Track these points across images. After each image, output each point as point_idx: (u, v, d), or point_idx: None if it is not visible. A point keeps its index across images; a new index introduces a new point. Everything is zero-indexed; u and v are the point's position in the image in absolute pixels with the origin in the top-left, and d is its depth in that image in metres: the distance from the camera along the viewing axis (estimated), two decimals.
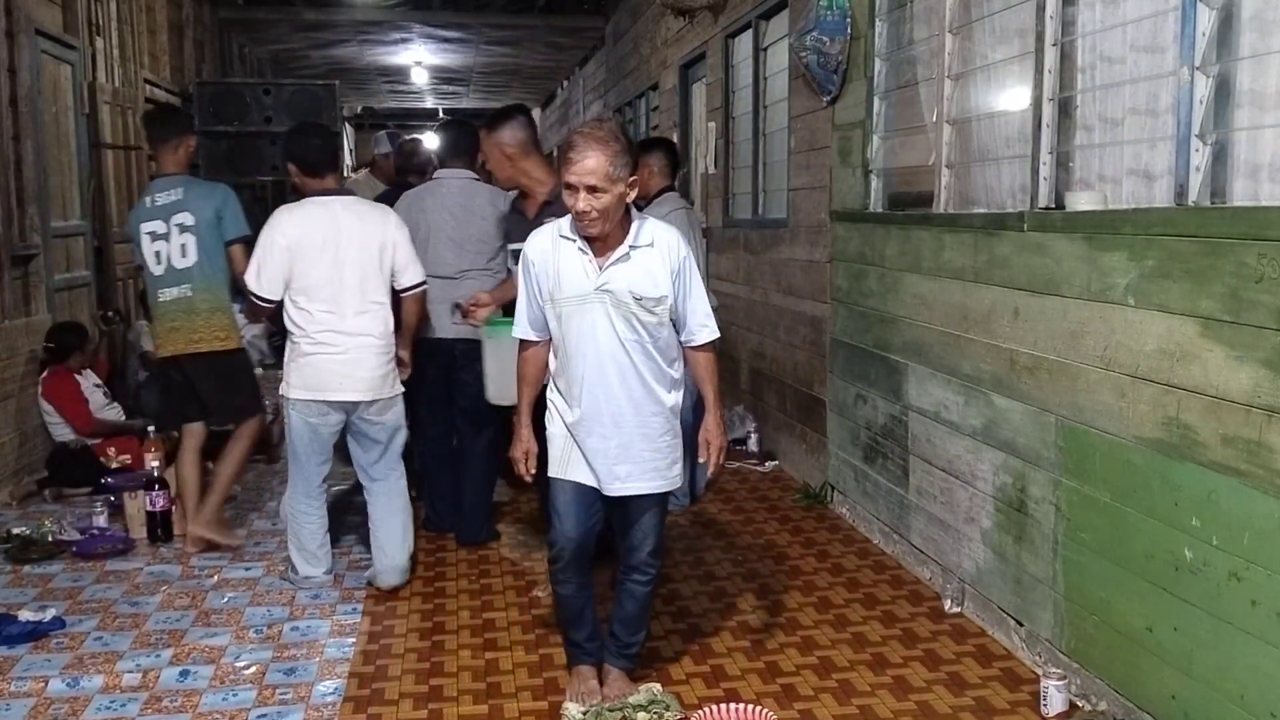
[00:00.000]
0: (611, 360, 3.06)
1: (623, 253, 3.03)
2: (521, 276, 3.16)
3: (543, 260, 3.09)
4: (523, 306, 3.18)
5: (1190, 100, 2.78)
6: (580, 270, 3.04)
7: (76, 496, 5.51)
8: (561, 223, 3.09)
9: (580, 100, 15.44)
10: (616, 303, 3.03)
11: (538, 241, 3.12)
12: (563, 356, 3.12)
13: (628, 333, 3.05)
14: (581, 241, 3.03)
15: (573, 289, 3.05)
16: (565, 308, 3.06)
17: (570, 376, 3.11)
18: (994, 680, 3.42)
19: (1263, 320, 2.45)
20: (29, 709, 3.24)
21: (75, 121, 6.90)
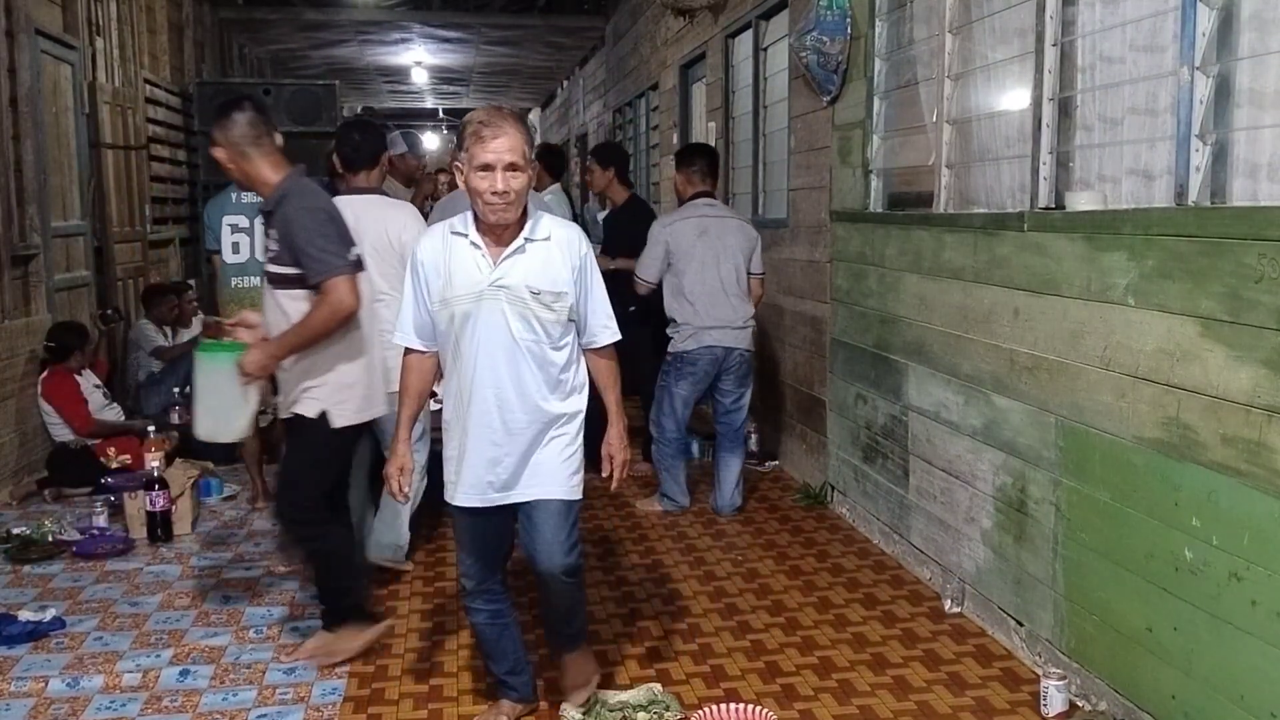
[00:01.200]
0: (506, 362, 2.86)
1: (518, 245, 2.85)
2: (409, 279, 2.94)
3: (433, 259, 2.89)
4: (408, 312, 2.95)
5: (1190, 100, 2.78)
6: (473, 265, 2.85)
7: (76, 496, 5.51)
8: (453, 220, 2.93)
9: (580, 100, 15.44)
10: (512, 299, 2.83)
11: (428, 242, 2.94)
12: (453, 362, 2.92)
13: (524, 332, 2.85)
14: (475, 235, 2.86)
15: (465, 286, 2.84)
16: (458, 307, 2.85)
17: (461, 381, 2.90)
18: (994, 680, 3.42)
19: (1263, 320, 2.45)
20: (29, 709, 3.24)
21: (75, 121, 6.90)
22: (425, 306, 2.92)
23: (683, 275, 5.03)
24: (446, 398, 2.97)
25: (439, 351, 2.96)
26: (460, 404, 2.91)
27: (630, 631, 3.85)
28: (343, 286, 3.27)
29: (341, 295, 3.27)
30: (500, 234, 2.84)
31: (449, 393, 2.95)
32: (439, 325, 2.90)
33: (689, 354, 5.05)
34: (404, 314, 2.96)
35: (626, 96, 11.42)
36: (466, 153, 2.77)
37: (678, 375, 5.11)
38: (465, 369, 2.88)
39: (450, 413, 2.96)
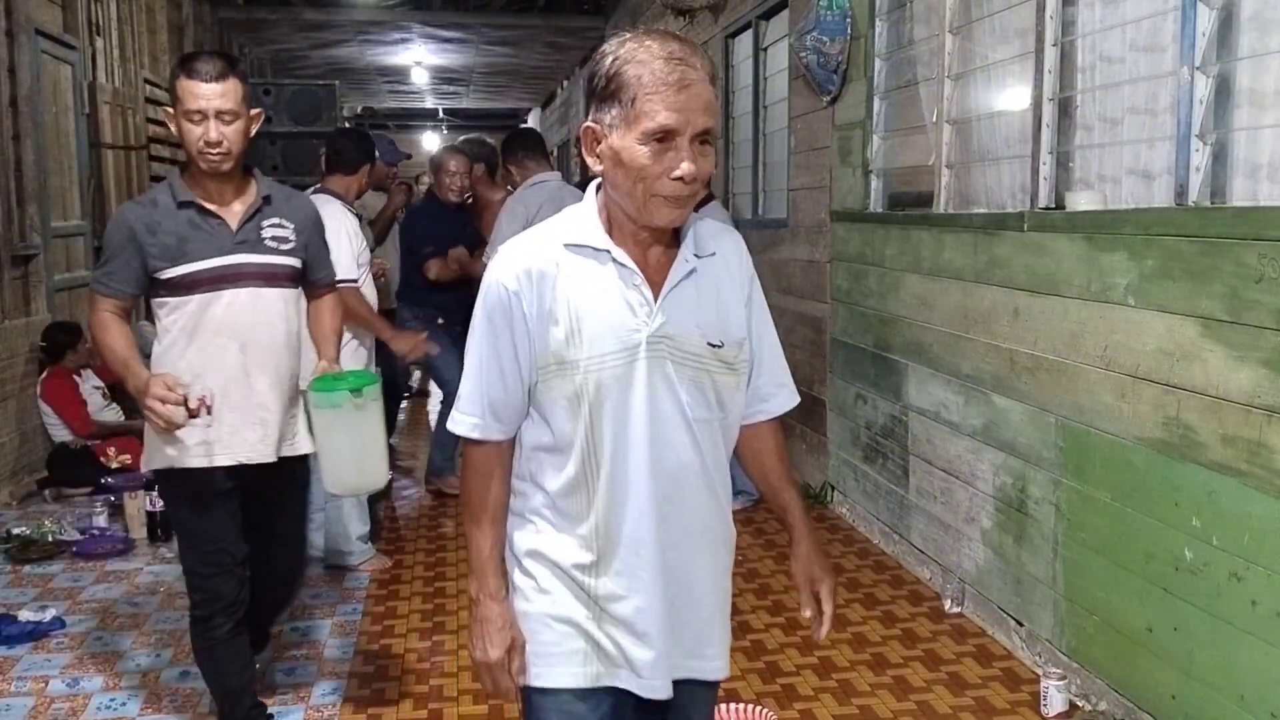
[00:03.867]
0: (674, 462, 1.75)
1: (686, 269, 1.74)
2: (481, 331, 1.76)
3: (539, 293, 1.70)
4: (478, 385, 1.77)
5: (1190, 100, 2.79)
6: (621, 302, 1.70)
7: (76, 496, 5.51)
8: (556, 224, 1.78)
9: (580, 100, 15.44)
10: (683, 357, 1.73)
11: (521, 262, 1.72)
12: (578, 464, 1.74)
13: (701, 409, 1.76)
14: (617, 249, 1.71)
15: (611, 337, 1.70)
16: (595, 373, 1.70)
17: (594, 498, 1.75)
18: (994, 680, 3.42)
19: (1263, 320, 2.45)
20: (29, 709, 3.24)
21: (75, 121, 6.90)
22: (518, 374, 1.74)
23: None
24: (545, 513, 1.80)
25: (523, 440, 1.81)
26: (590, 527, 1.75)
27: None
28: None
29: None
30: (657, 248, 1.74)
31: (558, 508, 1.78)
32: (542, 403, 1.75)
33: None
34: (469, 388, 1.77)
35: None
36: (622, 105, 1.63)
37: None
38: (605, 474, 1.73)
39: (562, 545, 1.78)
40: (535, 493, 1.80)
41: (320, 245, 3.01)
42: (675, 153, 1.62)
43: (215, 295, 2.76)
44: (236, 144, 2.70)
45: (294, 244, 2.86)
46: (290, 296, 2.89)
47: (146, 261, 2.73)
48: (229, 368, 2.78)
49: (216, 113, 2.66)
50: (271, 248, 2.82)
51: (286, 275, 2.87)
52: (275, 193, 2.88)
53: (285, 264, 2.85)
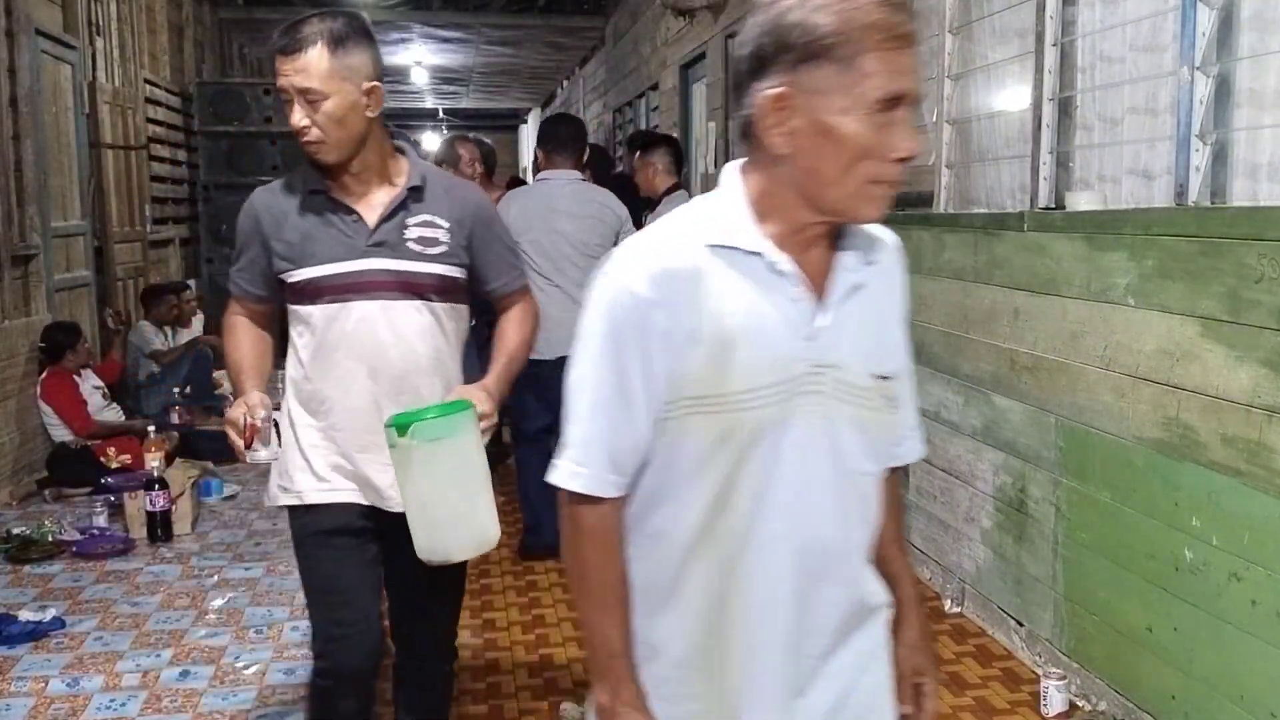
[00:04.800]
0: (824, 530, 1.40)
1: (851, 282, 1.38)
2: (599, 356, 1.36)
3: (677, 304, 1.33)
4: (594, 421, 1.38)
5: (1190, 100, 2.79)
6: (781, 323, 1.34)
7: (76, 496, 5.51)
8: (703, 221, 1.37)
9: (580, 100, 15.44)
10: (845, 393, 1.38)
11: (655, 262, 1.34)
12: (699, 527, 1.38)
13: (859, 459, 1.41)
14: (776, 253, 1.33)
15: (770, 367, 1.33)
16: (747, 414, 1.33)
17: (720, 573, 1.39)
18: (994, 680, 3.42)
19: (1263, 320, 2.45)
20: (29, 709, 3.24)
21: (75, 121, 6.90)
22: (647, 409, 1.36)
23: None
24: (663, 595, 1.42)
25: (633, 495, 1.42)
26: (715, 598, 1.40)
27: None
28: None
29: None
30: (816, 252, 1.37)
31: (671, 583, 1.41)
32: (662, 448, 1.38)
33: None
34: (583, 430, 1.39)
35: (626, 96, 11.42)
36: (839, 64, 1.24)
37: None
38: (737, 544, 1.38)
39: (671, 643, 1.42)
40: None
41: (493, 246, 2.37)
42: (899, 126, 1.26)
43: (342, 307, 2.23)
44: (333, 130, 2.16)
45: (447, 246, 2.27)
46: (439, 311, 2.30)
47: (272, 260, 2.28)
48: (355, 396, 2.25)
49: (299, 92, 2.17)
50: (415, 251, 2.24)
51: (433, 285, 2.27)
52: (431, 181, 2.30)
53: (431, 272, 2.26)
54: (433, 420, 2.05)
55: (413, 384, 2.27)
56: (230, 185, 9.38)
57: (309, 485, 2.29)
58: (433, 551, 2.15)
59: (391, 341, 2.25)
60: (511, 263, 2.42)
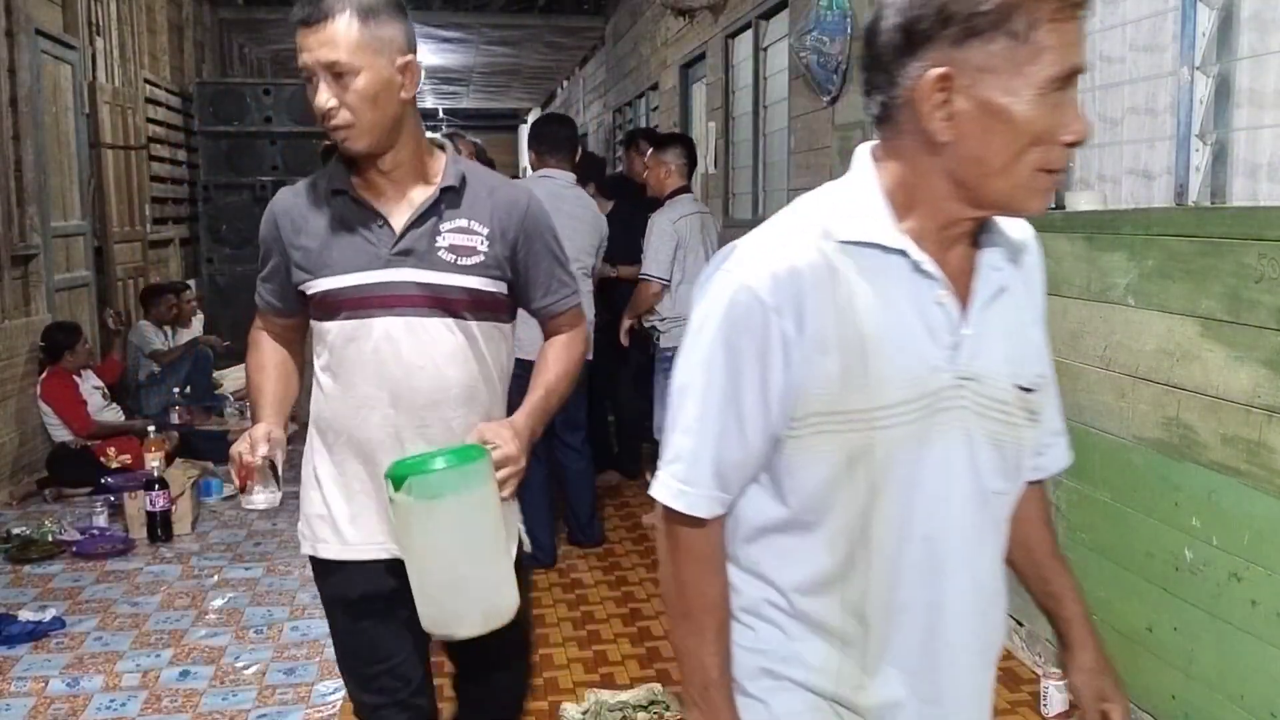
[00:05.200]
0: (965, 554, 1.30)
1: (996, 284, 1.25)
2: (713, 359, 1.23)
3: (804, 309, 1.18)
4: (702, 435, 1.24)
5: (1190, 100, 2.79)
6: (922, 330, 1.21)
7: (76, 496, 5.51)
8: (833, 214, 1.22)
9: (580, 100, 15.44)
10: (986, 407, 1.25)
11: (779, 261, 1.19)
12: (837, 552, 1.25)
13: (998, 478, 1.28)
14: (921, 255, 1.20)
15: (907, 381, 1.20)
16: (885, 432, 1.20)
17: (859, 601, 1.26)
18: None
19: (1263, 320, 2.45)
20: (29, 709, 3.24)
21: (75, 121, 6.91)
22: (763, 425, 1.22)
23: (684, 271, 4.86)
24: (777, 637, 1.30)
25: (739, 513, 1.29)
26: (856, 650, 1.28)
27: (630, 631, 3.85)
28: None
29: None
30: (958, 250, 1.24)
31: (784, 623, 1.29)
32: (789, 466, 1.24)
33: None
34: (690, 444, 1.25)
35: (626, 96, 11.42)
36: (1013, 38, 1.11)
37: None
38: (877, 571, 1.25)
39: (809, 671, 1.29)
40: (758, 586, 1.29)
41: (542, 259, 2.04)
42: (1070, 106, 1.13)
43: (361, 324, 1.95)
44: (365, 111, 1.85)
45: (484, 256, 1.97)
46: (474, 332, 1.99)
47: (291, 269, 2.01)
48: (375, 427, 1.97)
49: (324, 67, 1.84)
50: (446, 262, 1.95)
51: (466, 301, 1.97)
52: (472, 181, 2.00)
53: (464, 285, 1.95)
54: (436, 472, 1.71)
55: (442, 415, 1.97)
56: (230, 185, 9.40)
57: (327, 537, 2.04)
58: (434, 623, 1.86)
59: (418, 364, 1.95)
60: (562, 278, 2.08)
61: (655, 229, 4.90)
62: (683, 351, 1.26)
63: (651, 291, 4.90)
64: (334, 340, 1.99)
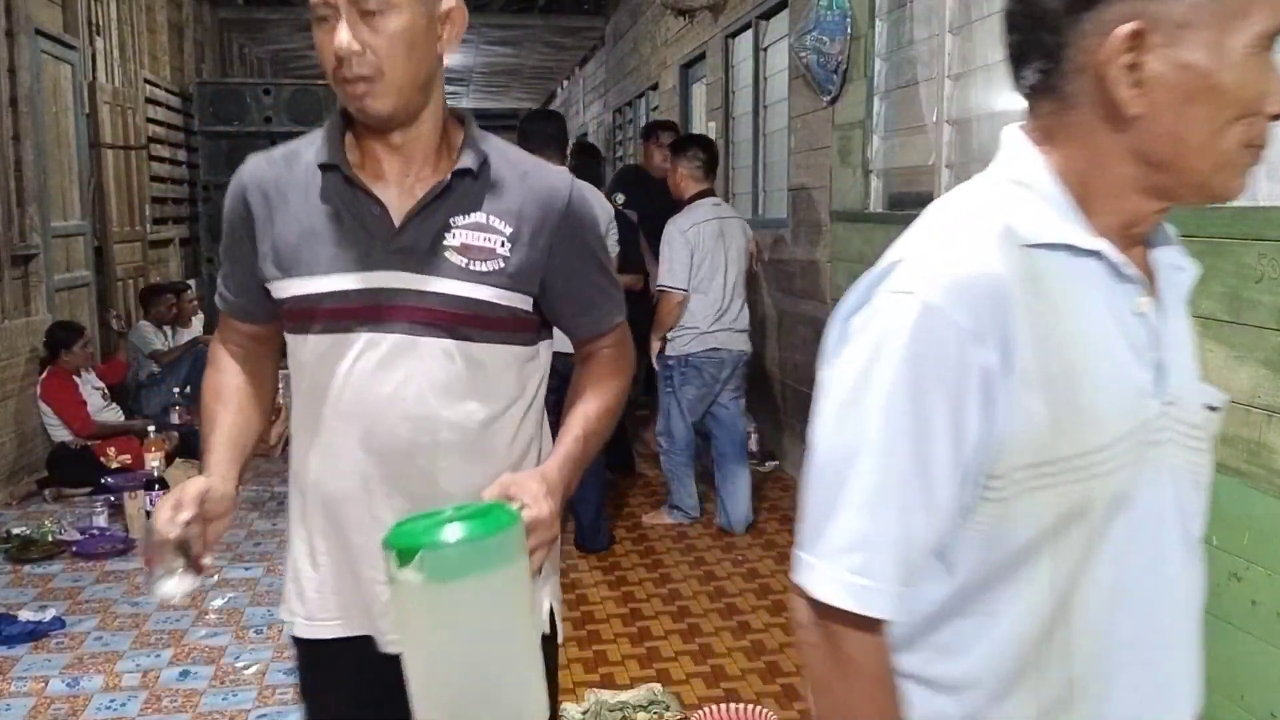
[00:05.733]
0: (1183, 624, 1.06)
1: (1183, 286, 1.10)
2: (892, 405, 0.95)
3: (1010, 333, 0.94)
4: (879, 508, 0.96)
5: None
6: (1124, 349, 1.00)
7: (76, 496, 5.51)
8: (1009, 212, 1.01)
9: (580, 100, 15.45)
10: (1185, 435, 1.04)
11: (970, 275, 0.95)
12: (1032, 638, 1.00)
13: (1198, 520, 1.08)
14: (1118, 255, 1.00)
15: (1121, 413, 0.98)
16: (1104, 480, 0.97)
17: (1064, 701, 1.02)
18: None
19: (1263, 320, 2.45)
20: (29, 709, 3.24)
21: (75, 121, 6.90)
22: (954, 489, 0.97)
23: (697, 279, 4.78)
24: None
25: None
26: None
27: (630, 631, 3.85)
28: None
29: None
30: (1138, 250, 1.07)
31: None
32: (981, 535, 0.99)
33: (693, 357, 4.85)
34: (866, 525, 0.97)
35: (626, 96, 11.43)
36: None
37: (683, 380, 4.89)
38: (1084, 661, 1.01)
39: None
40: (928, 697, 1.04)
41: (584, 266, 1.60)
42: (1275, 72, 0.95)
43: (338, 340, 1.53)
44: (396, 59, 1.42)
45: (505, 261, 1.53)
46: (482, 359, 1.54)
47: (259, 262, 1.59)
48: (342, 475, 1.56)
49: (349, 1, 1.41)
50: (455, 266, 1.51)
51: (474, 318, 1.52)
52: (496, 163, 1.56)
53: (475, 297, 1.51)
54: (457, 544, 1.25)
55: (425, 468, 1.54)
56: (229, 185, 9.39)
57: (294, 607, 1.71)
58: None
59: (398, 396, 1.52)
60: (606, 289, 1.64)
61: (667, 237, 4.82)
62: (835, 407, 0.99)
63: (674, 303, 4.80)
64: (307, 361, 1.57)
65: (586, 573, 4.45)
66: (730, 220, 4.96)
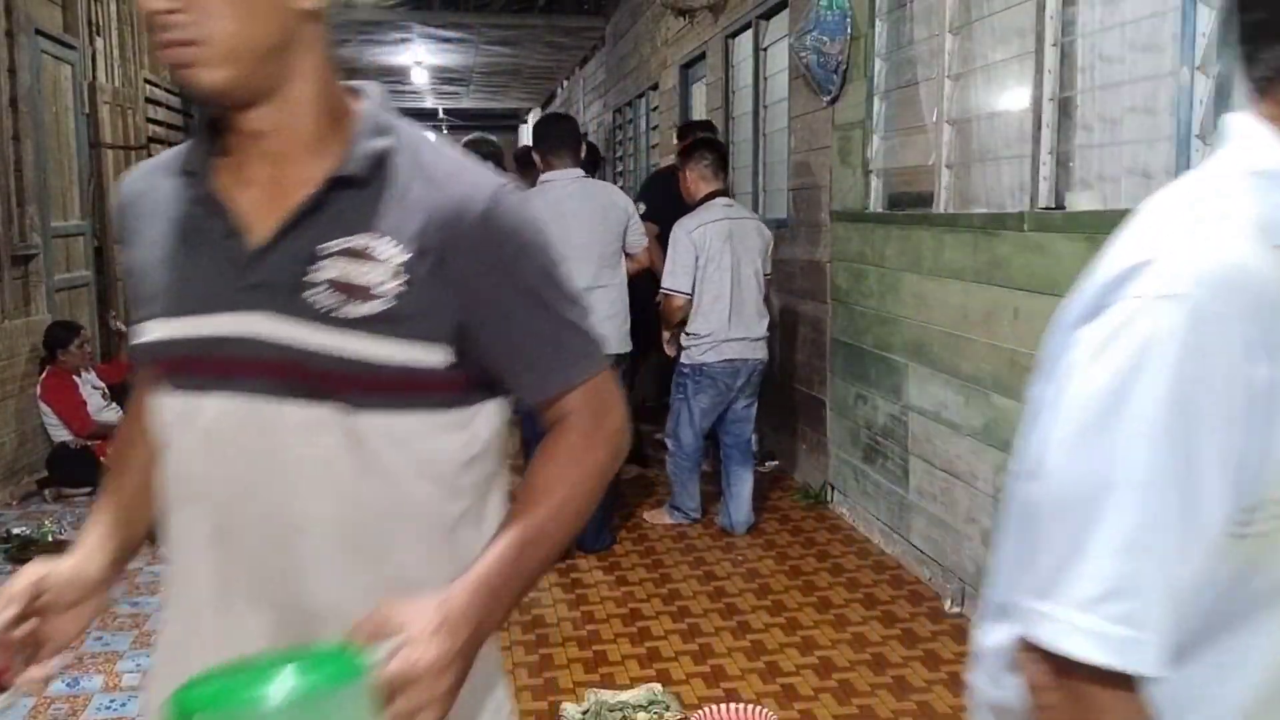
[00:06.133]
0: None
1: None
2: (1152, 430, 0.83)
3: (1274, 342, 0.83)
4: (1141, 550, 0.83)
5: (1190, 100, 2.79)
6: None
7: (76, 496, 5.51)
8: (1247, 204, 0.89)
9: (580, 100, 15.44)
10: None
11: (1230, 271, 0.84)
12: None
13: None
14: None
15: None
16: None
17: None
18: None
19: None
20: (29, 709, 3.24)
21: (75, 121, 6.90)
22: (1215, 529, 0.84)
23: (705, 283, 4.74)
24: None
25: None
26: None
27: (630, 631, 3.85)
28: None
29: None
30: None
31: None
32: (1229, 582, 0.88)
33: (708, 366, 4.80)
34: (1126, 568, 0.83)
35: (626, 96, 11.43)
36: None
37: (696, 388, 4.85)
38: None
39: None
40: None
41: (515, 303, 1.18)
42: None
43: (191, 403, 1.18)
44: (222, 20, 1.07)
45: (394, 301, 1.13)
46: (368, 433, 1.15)
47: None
48: (194, 581, 1.21)
49: None
50: (324, 308, 1.13)
51: (357, 380, 1.13)
52: (399, 163, 1.17)
53: (345, 353, 1.12)
54: (252, 707, 0.91)
55: (290, 571, 1.16)
56: None
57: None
58: None
59: (254, 483, 1.15)
60: (559, 338, 1.20)
61: (673, 239, 4.80)
62: (1077, 431, 0.85)
63: (675, 305, 4.78)
64: (166, 428, 1.21)
65: (586, 573, 4.45)
66: (743, 221, 4.91)
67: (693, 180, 4.94)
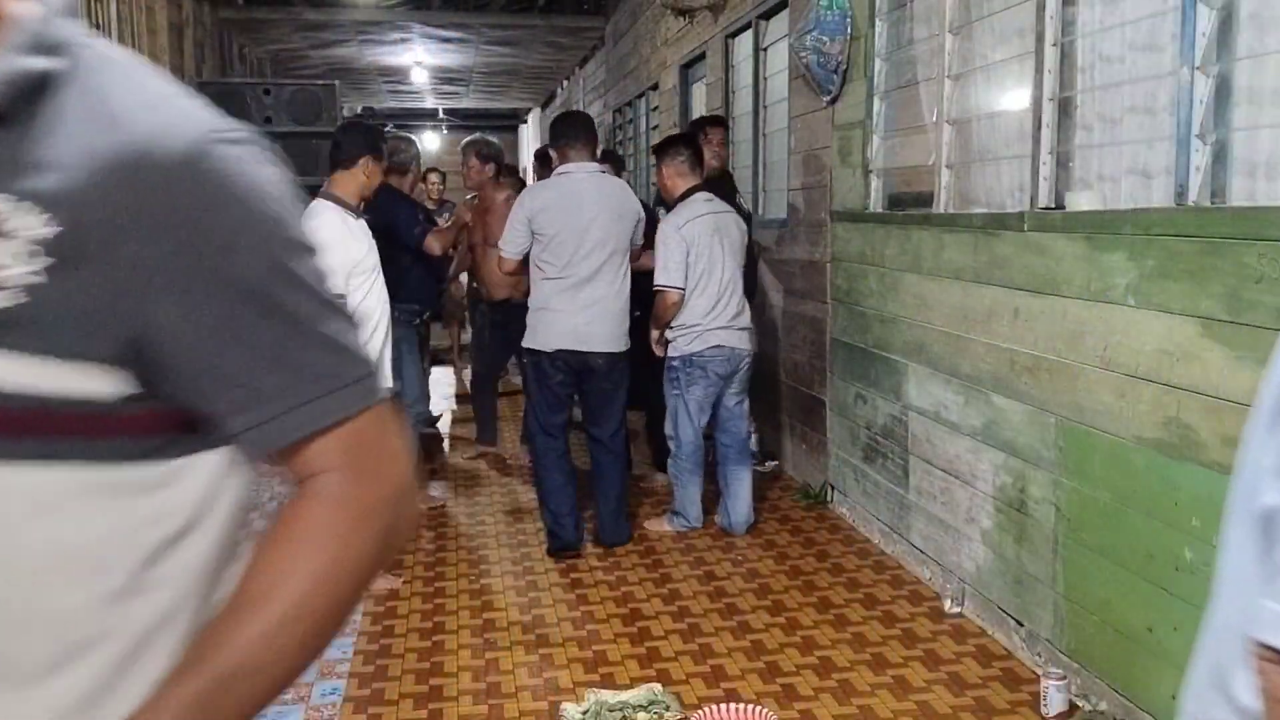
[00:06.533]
0: None
1: None
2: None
3: None
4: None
5: (1190, 100, 2.79)
6: None
7: None
8: None
9: (580, 100, 15.44)
10: None
11: None
12: None
13: None
14: None
15: None
16: None
17: None
18: (994, 680, 3.42)
19: (1263, 320, 2.45)
20: None
21: None
22: None
23: (694, 277, 4.76)
24: None
25: None
26: None
27: (630, 632, 3.85)
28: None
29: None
30: None
31: None
32: None
33: (697, 355, 4.81)
34: None
35: (626, 96, 11.42)
36: None
37: (688, 380, 4.85)
38: None
39: None
40: None
41: (226, 302, 0.80)
42: None
43: None
44: None
45: (30, 296, 0.76)
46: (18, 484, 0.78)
47: None
48: None
49: None
50: None
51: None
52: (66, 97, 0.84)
53: None
54: None
55: None
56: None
57: None
58: None
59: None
60: (296, 356, 0.85)
61: (662, 236, 4.81)
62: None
63: (670, 302, 4.79)
64: None
65: (587, 573, 4.45)
66: (724, 215, 4.94)
67: (669, 177, 4.92)
